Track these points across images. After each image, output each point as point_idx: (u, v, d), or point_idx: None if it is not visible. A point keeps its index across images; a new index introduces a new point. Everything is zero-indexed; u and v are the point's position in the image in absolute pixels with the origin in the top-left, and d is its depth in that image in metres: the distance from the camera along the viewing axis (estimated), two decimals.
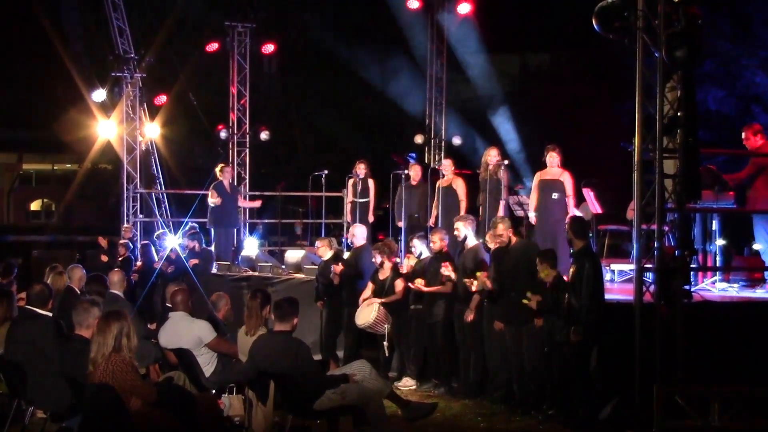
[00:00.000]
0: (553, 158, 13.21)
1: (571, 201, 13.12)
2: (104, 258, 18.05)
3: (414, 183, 15.73)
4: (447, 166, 15.23)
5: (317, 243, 14.29)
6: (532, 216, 13.26)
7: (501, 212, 13.66)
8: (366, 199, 16.21)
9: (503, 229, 11.26)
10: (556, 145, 13.29)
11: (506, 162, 14.32)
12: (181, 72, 23.81)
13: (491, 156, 14.12)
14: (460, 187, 14.84)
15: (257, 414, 9.21)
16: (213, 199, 17.21)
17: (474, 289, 11.35)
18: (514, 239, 11.32)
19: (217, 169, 17.68)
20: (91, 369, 7.72)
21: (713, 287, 12.50)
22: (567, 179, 13.11)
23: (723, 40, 23.79)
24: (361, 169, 16.34)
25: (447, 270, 11.95)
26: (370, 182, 16.32)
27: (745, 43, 23.94)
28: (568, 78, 26.29)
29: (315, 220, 19.69)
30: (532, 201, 13.38)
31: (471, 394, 11.60)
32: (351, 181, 16.47)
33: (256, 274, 16.36)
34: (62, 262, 14.76)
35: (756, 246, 13.01)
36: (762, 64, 23.74)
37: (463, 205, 14.63)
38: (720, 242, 12.99)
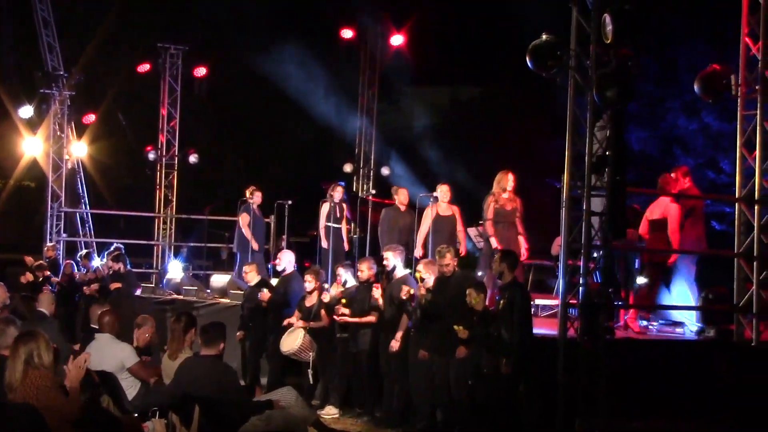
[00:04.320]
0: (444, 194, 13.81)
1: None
2: (29, 276, 17.66)
3: (403, 209, 15.12)
4: (445, 192, 14.29)
5: (245, 268, 14.23)
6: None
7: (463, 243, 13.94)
8: (339, 225, 15.95)
9: (450, 259, 11.28)
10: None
11: (435, 194, 14.43)
12: (110, 91, 23.59)
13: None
14: (458, 215, 14.35)
15: None
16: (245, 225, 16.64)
17: (403, 296, 11.37)
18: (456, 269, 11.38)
19: (248, 192, 16.95)
20: (8, 393, 7.57)
21: (634, 325, 12.68)
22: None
23: (648, 83, 24.25)
24: (337, 192, 16.05)
25: (377, 293, 11.99)
26: (345, 207, 16.15)
27: (670, 86, 24.43)
28: (497, 112, 26.53)
29: None
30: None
31: (394, 424, 11.57)
32: (326, 205, 16.05)
33: (181, 297, 16.25)
34: None
35: (675, 286, 13.26)
36: (684, 108, 24.22)
37: (461, 235, 14.31)
38: (641, 280, 13.20)
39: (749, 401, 10.24)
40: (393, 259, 12.24)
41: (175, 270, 18.11)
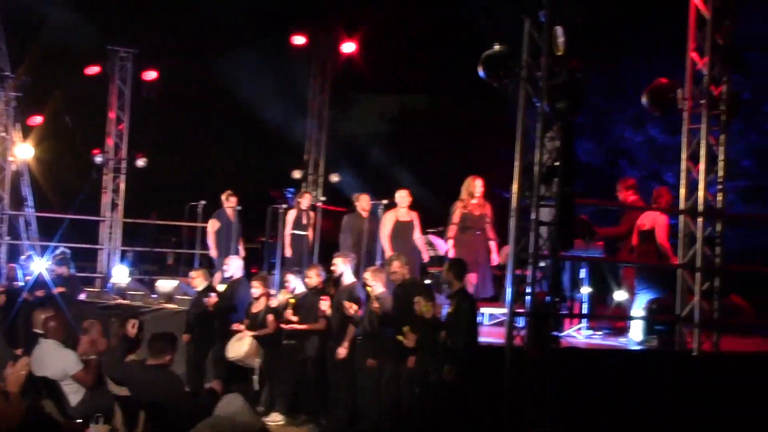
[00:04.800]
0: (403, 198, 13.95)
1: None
2: None
3: (364, 215, 15.00)
4: (404, 197, 14.39)
5: (192, 274, 14.18)
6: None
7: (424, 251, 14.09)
8: (305, 232, 15.93)
9: (397, 267, 11.32)
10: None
11: (384, 202, 14.49)
12: (58, 93, 23.35)
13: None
14: (416, 221, 14.42)
15: None
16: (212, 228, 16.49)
17: (351, 313, 11.42)
18: (406, 276, 11.41)
19: (223, 196, 16.82)
20: None
21: (579, 334, 12.81)
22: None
23: (596, 95, 24.49)
24: (305, 199, 16.09)
25: (324, 305, 12.01)
26: (311, 214, 16.09)
27: (616, 99, 24.68)
28: (447, 121, 26.62)
29: (188, 251, 19.52)
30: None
31: (339, 431, 11.60)
32: (292, 212, 16.01)
33: (127, 302, 16.13)
34: None
35: (618, 296, 13.38)
36: (631, 121, 24.49)
37: (418, 242, 14.33)
38: (586, 290, 13.33)
39: (690, 410, 10.36)
40: (342, 266, 12.28)
41: (121, 274, 17.97)
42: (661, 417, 10.29)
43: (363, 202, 14.95)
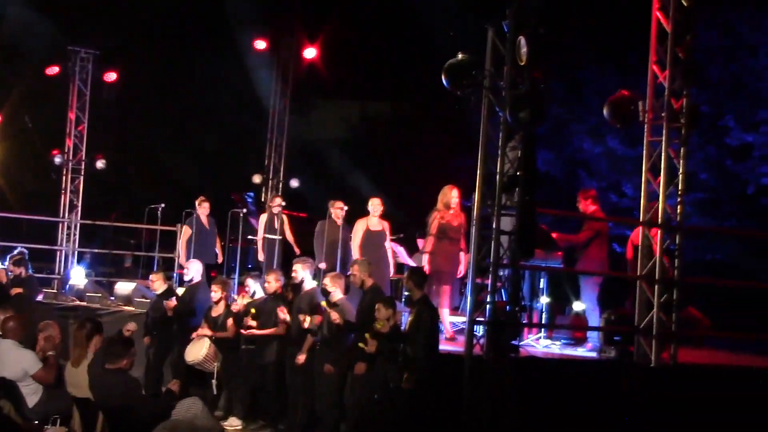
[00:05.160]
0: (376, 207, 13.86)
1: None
2: None
3: (339, 222, 14.73)
4: (377, 205, 14.22)
5: (151, 277, 14.11)
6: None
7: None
8: (277, 237, 15.72)
9: (355, 270, 11.37)
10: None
11: (345, 207, 14.51)
12: (17, 92, 23.14)
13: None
14: (387, 230, 14.31)
15: None
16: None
17: (306, 326, 11.43)
18: (369, 282, 11.40)
19: (196, 202, 16.49)
20: None
21: (537, 343, 12.88)
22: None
23: (555, 105, 24.65)
24: (276, 203, 15.94)
25: (282, 313, 12.00)
26: (284, 218, 15.92)
27: (576, 110, 24.85)
28: (407, 129, 26.70)
29: (147, 254, 19.42)
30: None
31: None
32: (263, 216, 15.91)
33: (84, 304, 16.01)
34: None
35: (576, 306, 13.46)
36: (590, 131, 24.65)
37: (389, 252, 14.14)
38: (545, 300, 13.41)
39: (648, 420, 10.45)
40: (301, 272, 12.29)
41: (78, 276, 17.84)
42: (618, 427, 10.36)
43: (338, 209, 14.77)
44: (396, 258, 14.48)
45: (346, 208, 14.68)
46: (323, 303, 11.52)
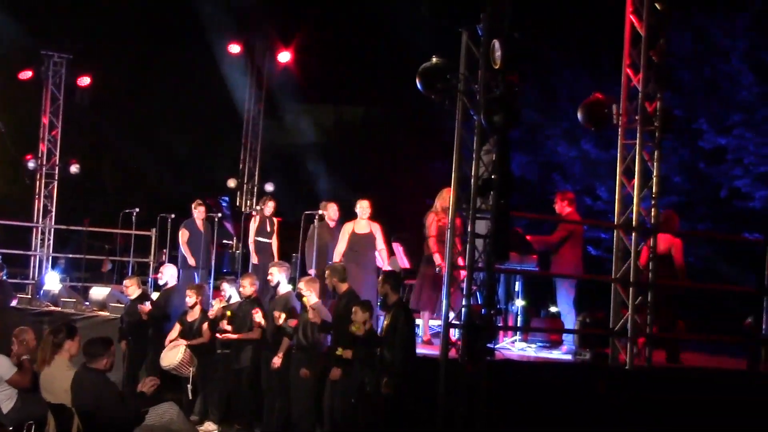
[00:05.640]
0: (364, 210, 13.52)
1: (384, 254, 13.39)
2: None
3: (332, 225, 14.42)
4: (365, 208, 13.71)
5: (125, 281, 14.06)
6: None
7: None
8: (270, 240, 15.30)
9: (326, 275, 11.36)
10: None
11: (319, 212, 14.47)
12: None
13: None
14: (378, 233, 13.76)
15: None
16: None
17: (280, 322, 11.41)
18: (343, 287, 11.37)
19: (193, 206, 16.23)
20: None
21: (513, 346, 12.89)
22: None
23: (530, 109, 24.76)
24: (268, 206, 15.46)
25: (258, 316, 11.98)
26: (276, 221, 15.53)
27: (551, 114, 24.97)
28: (382, 133, 26.76)
29: (122, 258, 19.36)
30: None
31: None
32: (255, 219, 15.48)
33: (59, 309, 15.94)
34: None
35: (553, 309, 13.49)
36: (564, 135, 24.77)
37: (384, 254, 13.78)
38: (520, 303, 13.43)
39: (623, 422, 10.48)
40: (277, 275, 12.26)
41: (53, 281, 17.77)
42: (594, 430, 10.39)
43: (331, 212, 14.45)
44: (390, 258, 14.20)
45: (306, 211, 14.51)
46: (304, 300, 11.42)
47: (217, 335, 12.39)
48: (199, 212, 16.09)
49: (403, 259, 14.40)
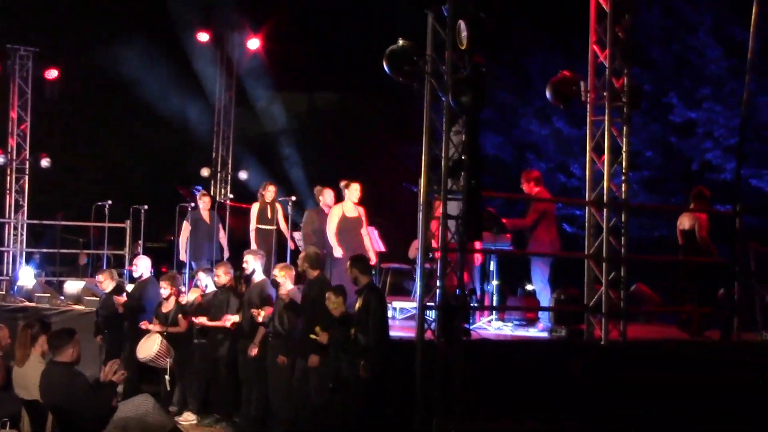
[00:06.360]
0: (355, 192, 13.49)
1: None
2: None
3: (327, 211, 13.90)
4: (354, 190, 13.59)
5: (98, 275, 13.99)
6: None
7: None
8: (272, 227, 15.02)
9: (299, 260, 11.33)
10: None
11: (293, 198, 14.45)
12: None
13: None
14: (363, 216, 13.64)
15: None
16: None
17: (260, 320, 11.40)
18: (314, 274, 11.34)
19: (197, 196, 16.11)
20: None
21: (489, 326, 12.92)
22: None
23: (502, 90, 24.79)
24: (270, 191, 15.12)
25: (233, 305, 11.98)
26: (278, 207, 15.22)
27: (523, 93, 25.03)
28: (355, 118, 26.72)
29: (96, 251, 19.27)
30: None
31: (252, 429, 11.55)
32: (255, 206, 15.12)
33: (33, 304, 15.86)
34: None
35: (529, 287, 13.52)
36: (537, 114, 24.85)
37: (366, 238, 13.59)
38: (496, 282, 13.46)
39: (600, 399, 10.51)
40: (253, 263, 12.24)
41: (27, 277, 17.65)
42: (571, 406, 10.42)
43: (327, 197, 14.12)
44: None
45: (280, 198, 14.41)
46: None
47: (193, 319, 12.38)
48: (204, 203, 15.97)
49: (378, 243, 14.39)
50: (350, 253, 12.64)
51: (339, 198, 13.83)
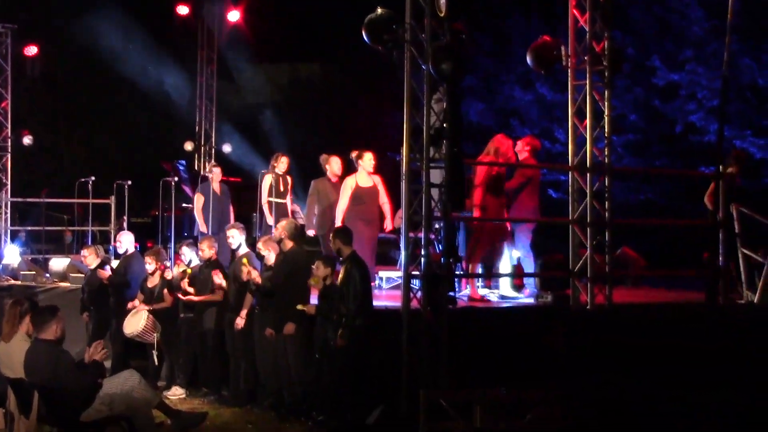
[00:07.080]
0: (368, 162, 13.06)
1: None
2: None
3: (335, 180, 13.53)
4: (368, 160, 12.97)
5: (83, 251, 13.95)
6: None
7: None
8: (284, 200, 14.59)
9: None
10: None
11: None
12: None
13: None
14: (381, 185, 13.06)
15: (19, 428, 8.94)
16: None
17: (245, 278, 11.31)
18: (288, 245, 11.31)
19: (208, 168, 15.90)
20: None
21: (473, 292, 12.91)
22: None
23: (484, 57, 24.75)
24: (282, 163, 14.53)
25: (218, 278, 11.94)
26: (289, 179, 14.80)
27: (505, 60, 24.99)
28: (338, 88, 26.68)
29: (81, 228, 19.21)
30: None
31: (241, 402, 11.55)
32: (268, 178, 14.48)
33: (19, 282, 15.81)
34: None
35: (515, 253, 13.51)
36: (519, 80, 24.83)
37: (387, 207, 13.07)
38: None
39: (587, 364, 10.55)
40: (238, 237, 12.22)
41: (12, 255, 17.57)
42: (558, 372, 10.45)
43: (334, 166, 13.62)
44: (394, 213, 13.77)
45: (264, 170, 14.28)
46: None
47: (180, 296, 12.35)
48: (215, 174, 15.66)
49: None
50: (367, 227, 12.55)
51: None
